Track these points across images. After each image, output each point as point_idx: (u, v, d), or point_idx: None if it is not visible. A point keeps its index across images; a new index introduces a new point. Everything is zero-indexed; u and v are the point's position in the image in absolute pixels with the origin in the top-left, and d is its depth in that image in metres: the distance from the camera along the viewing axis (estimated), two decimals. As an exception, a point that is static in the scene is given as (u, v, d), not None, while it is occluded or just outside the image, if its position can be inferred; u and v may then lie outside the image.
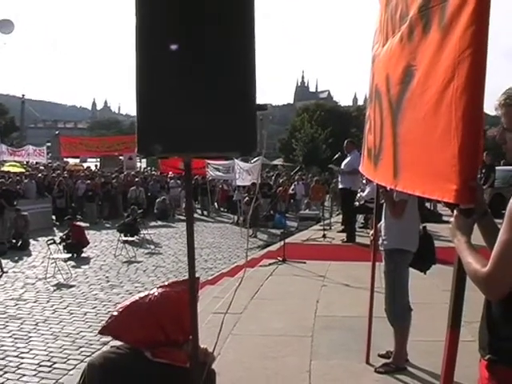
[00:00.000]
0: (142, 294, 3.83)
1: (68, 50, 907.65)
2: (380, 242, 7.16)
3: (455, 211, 3.08)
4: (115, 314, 3.74)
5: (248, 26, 3.00)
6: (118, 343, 3.83)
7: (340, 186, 17.96)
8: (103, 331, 3.84)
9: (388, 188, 6.73)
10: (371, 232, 7.80)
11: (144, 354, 3.57)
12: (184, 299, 3.56)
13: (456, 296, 3.19)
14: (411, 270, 7.07)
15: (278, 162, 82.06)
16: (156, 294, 3.75)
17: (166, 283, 3.97)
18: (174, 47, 2.95)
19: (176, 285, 3.89)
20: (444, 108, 3.12)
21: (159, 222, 30.05)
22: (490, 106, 2.90)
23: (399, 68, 3.96)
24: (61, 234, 20.99)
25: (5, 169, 35.04)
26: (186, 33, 2.97)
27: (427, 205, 21.56)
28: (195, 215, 32.51)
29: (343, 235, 17.60)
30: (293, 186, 35.05)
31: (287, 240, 15.61)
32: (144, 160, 54.71)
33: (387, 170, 4.18)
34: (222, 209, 37.91)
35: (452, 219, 3.09)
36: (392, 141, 4.10)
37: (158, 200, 32.65)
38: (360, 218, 20.20)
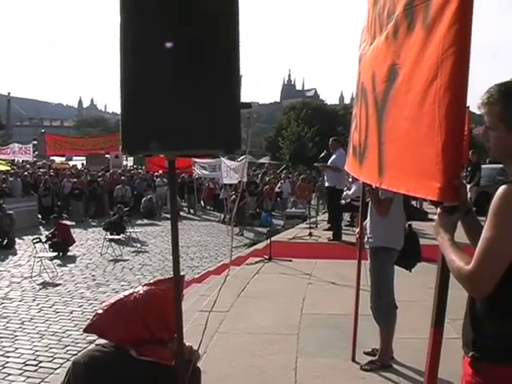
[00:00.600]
0: (126, 292, 3.83)
1: (55, 48, 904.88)
2: (365, 240, 7.18)
3: (439, 209, 3.10)
4: (100, 311, 3.75)
5: (232, 24, 3.01)
6: (103, 341, 3.84)
7: (326, 185, 17.99)
8: (88, 329, 3.85)
9: (374, 186, 6.78)
10: (357, 230, 7.84)
11: (129, 352, 3.58)
12: (169, 297, 3.56)
13: (440, 294, 3.21)
14: (396, 267, 7.09)
15: (265, 160, 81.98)
16: (141, 291, 3.75)
17: (152, 281, 3.97)
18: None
19: (161, 283, 3.90)
20: (428, 106, 3.13)
21: (145, 221, 29.97)
22: (476, 104, 2.92)
23: (385, 66, 3.97)
24: (47, 233, 20.93)
25: (-11, 167, 34.88)
26: (171, 32, 2.97)
27: (413, 203, 21.61)
28: (182, 213, 32.53)
29: (329, 233, 17.62)
30: (279, 184, 35.07)
31: (273, 238, 15.61)
32: (131, 158, 54.66)
33: (372, 168, 4.20)
34: (208, 207, 37.88)
35: (436, 217, 3.11)
36: (377, 139, 4.12)
37: (144, 199, 32.58)
38: (346, 216, 20.22)
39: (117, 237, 21.61)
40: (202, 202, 37.92)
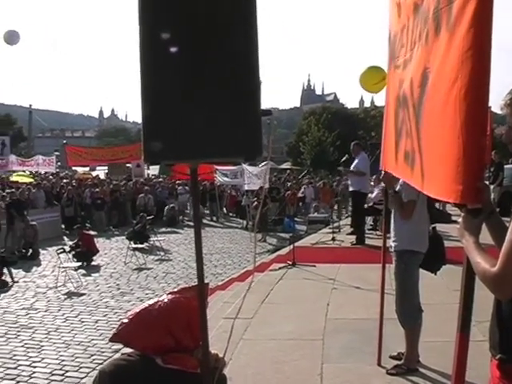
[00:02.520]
0: (151, 301, 3.83)
1: (75, 59, 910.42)
2: (390, 243, 7.16)
3: (462, 212, 3.08)
4: (125, 321, 3.75)
5: (251, 29, 3.01)
6: (129, 350, 3.84)
7: (350, 189, 17.96)
8: (114, 338, 3.85)
9: (396, 189, 6.76)
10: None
11: (155, 361, 3.58)
12: (194, 305, 3.56)
13: (465, 297, 3.19)
14: (421, 270, 7.06)
15: (286, 165, 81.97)
16: (166, 300, 3.75)
17: (176, 289, 3.97)
18: (173, 50, 2.96)
19: (185, 291, 3.90)
20: (450, 109, 3.12)
21: (168, 229, 30.02)
22: (498, 104, 2.90)
23: (419, 71, 3.97)
24: (70, 243, 21.08)
25: (13, 179, 35.13)
26: (190, 37, 2.98)
27: (436, 205, 21.53)
28: (204, 221, 32.63)
29: (352, 237, 17.57)
30: (302, 190, 35.08)
31: (296, 244, 15.59)
32: (153, 167, 54.84)
33: (418, 173, 4.19)
34: (230, 214, 37.88)
35: (460, 219, 3.09)
36: (418, 144, 4.11)
37: (166, 207, 32.67)
38: (369, 219, 20.19)
39: (140, 245, 21.70)
40: (224, 208, 37.94)
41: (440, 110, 3.32)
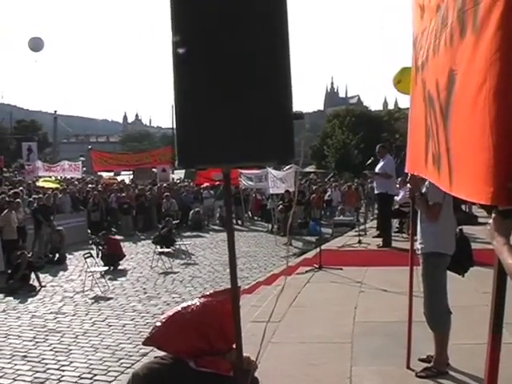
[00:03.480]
0: (184, 305, 3.87)
1: (99, 65, 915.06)
2: (416, 246, 7.16)
3: (493, 213, 3.08)
4: (158, 324, 3.79)
5: (282, 35, 3.04)
6: (160, 353, 3.88)
7: (376, 191, 17.92)
8: (147, 342, 3.90)
9: (423, 191, 6.75)
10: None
11: (188, 364, 3.61)
12: (226, 308, 3.60)
13: (497, 299, 3.19)
14: (449, 273, 7.04)
15: (311, 169, 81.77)
16: (198, 303, 3.78)
17: (207, 293, 4.00)
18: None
19: (217, 294, 3.93)
20: (479, 111, 3.12)
21: (194, 233, 30.09)
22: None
23: (445, 73, 3.97)
24: (96, 248, 21.25)
25: (40, 184, 35.38)
26: (223, 44, 3.01)
27: (463, 207, 21.41)
28: (229, 225, 32.58)
29: (379, 240, 17.55)
30: (329, 193, 35.05)
31: (323, 247, 15.55)
32: (177, 172, 55.04)
33: (445, 175, 4.18)
34: (255, 218, 37.84)
35: (490, 221, 3.09)
36: (445, 146, 4.10)
37: (192, 211, 32.76)
38: (395, 222, 20.13)
39: (166, 250, 21.75)
40: (249, 212, 37.93)
41: (469, 112, 3.32)
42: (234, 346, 3.66)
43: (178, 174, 55.43)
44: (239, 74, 3.02)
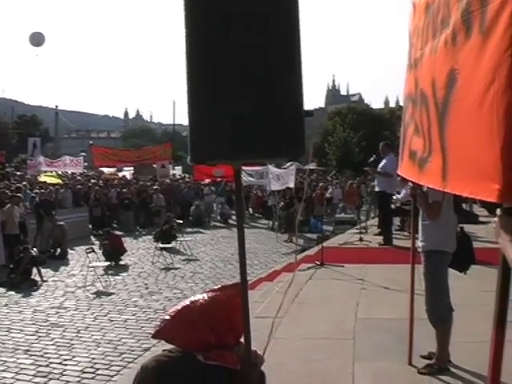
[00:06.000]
0: (192, 298, 3.90)
1: (100, 60, 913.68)
2: (418, 244, 7.20)
3: (498, 210, 3.12)
4: (167, 318, 3.82)
5: (295, 32, 3.08)
6: (168, 347, 3.91)
7: (376, 189, 17.97)
8: (156, 335, 3.93)
9: (424, 189, 6.79)
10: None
11: (196, 357, 3.65)
12: (234, 303, 3.64)
13: (501, 295, 3.23)
14: (450, 271, 7.10)
15: (312, 166, 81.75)
16: (206, 298, 3.82)
17: (215, 287, 4.04)
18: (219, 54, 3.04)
19: (225, 289, 3.97)
20: (486, 110, 3.15)
21: (194, 229, 30.16)
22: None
23: (444, 72, 3.99)
24: (98, 243, 21.33)
25: (41, 179, 35.40)
26: (236, 40, 3.05)
27: (463, 206, 21.45)
28: (230, 221, 32.73)
29: (380, 238, 17.60)
30: (330, 190, 35.09)
31: (324, 244, 15.62)
32: (177, 167, 55.02)
33: (436, 172, 4.21)
34: (256, 214, 37.88)
35: (495, 219, 3.12)
36: (440, 144, 4.13)
37: (192, 207, 32.83)
38: (396, 220, 20.18)
39: (168, 245, 21.78)
40: (250, 209, 37.96)
41: (474, 111, 3.35)
42: (242, 339, 3.72)
43: (179, 171, 55.51)
44: (251, 70, 3.06)
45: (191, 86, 3.07)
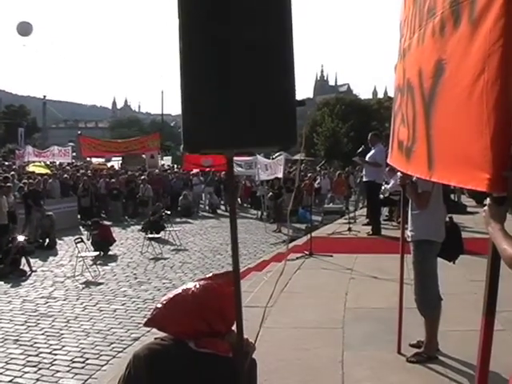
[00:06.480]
0: (184, 287, 3.93)
1: (88, 49, 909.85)
2: (407, 233, 7.25)
3: (488, 200, 3.15)
4: (159, 306, 3.85)
5: (286, 21, 3.10)
6: (159, 335, 3.94)
7: (364, 179, 18.05)
8: (149, 323, 3.96)
9: (413, 179, 6.83)
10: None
11: (188, 345, 3.68)
12: (226, 291, 3.67)
13: (491, 284, 3.26)
14: (438, 260, 7.15)
15: (299, 156, 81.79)
16: (198, 286, 3.84)
17: (207, 276, 4.07)
18: (211, 42, 3.06)
19: (217, 277, 3.99)
20: (475, 100, 3.18)
21: (183, 219, 30.22)
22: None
23: (431, 62, 4.02)
24: (87, 233, 21.33)
25: (30, 169, 35.36)
26: (227, 29, 3.07)
27: (451, 196, 21.56)
28: (219, 211, 32.83)
29: (368, 228, 17.68)
30: (318, 180, 35.14)
31: (313, 234, 15.67)
32: (166, 158, 54.94)
33: (421, 161, 4.24)
34: (245, 204, 37.90)
35: (485, 208, 3.16)
36: (425, 133, 4.16)
37: (180, 198, 32.84)
38: (385, 210, 20.26)
39: (156, 235, 21.80)
40: (238, 199, 38.01)
41: (463, 101, 3.37)
42: (233, 328, 3.75)
43: (168, 161, 55.45)
44: (243, 59, 3.08)
45: (184, 75, 3.09)
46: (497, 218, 3.03)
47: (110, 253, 20.00)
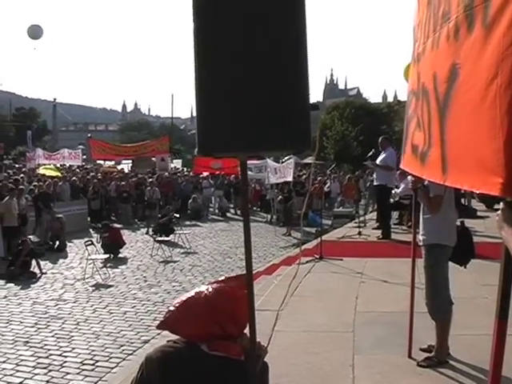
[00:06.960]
0: (197, 290, 3.94)
1: (98, 53, 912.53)
2: (418, 237, 7.24)
3: (501, 204, 3.14)
4: (172, 309, 3.86)
5: (300, 26, 3.11)
6: (170, 338, 3.96)
7: (375, 183, 18.01)
8: (161, 326, 3.97)
9: (425, 183, 6.82)
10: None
11: (200, 348, 3.69)
12: (238, 294, 3.68)
13: (503, 288, 3.26)
14: (450, 264, 7.14)
15: (309, 160, 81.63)
16: (211, 289, 3.85)
17: (220, 279, 4.07)
18: (226, 47, 3.07)
19: (229, 281, 4.00)
20: (488, 104, 3.17)
21: (193, 222, 30.22)
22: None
23: (446, 66, 4.01)
24: (97, 236, 21.37)
25: (40, 172, 35.44)
26: (244, 32, 3.08)
27: (462, 201, 21.52)
28: (228, 214, 32.84)
29: (378, 232, 17.65)
30: (328, 184, 35.11)
31: (323, 238, 15.66)
32: (176, 161, 54.94)
33: (436, 166, 4.23)
34: (254, 208, 37.81)
35: (498, 212, 3.15)
36: (440, 138, 4.15)
37: (190, 200, 32.83)
38: (395, 214, 20.22)
39: (166, 238, 21.81)
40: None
41: (476, 105, 3.36)
42: (245, 331, 3.76)
43: (178, 164, 55.45)
44: (259, 63, 3.09)
45: (199, 78, 3.09)
46: (510, 222, 3.02)
47: (119, 255, 20.02)
